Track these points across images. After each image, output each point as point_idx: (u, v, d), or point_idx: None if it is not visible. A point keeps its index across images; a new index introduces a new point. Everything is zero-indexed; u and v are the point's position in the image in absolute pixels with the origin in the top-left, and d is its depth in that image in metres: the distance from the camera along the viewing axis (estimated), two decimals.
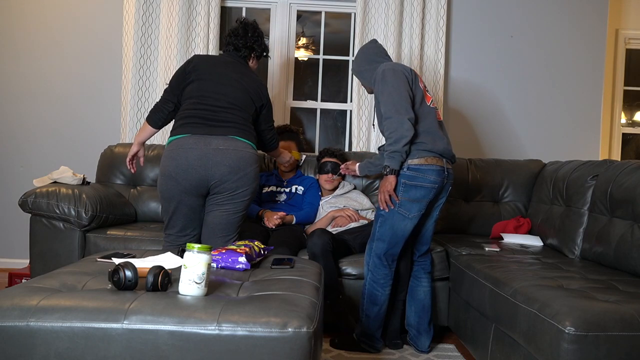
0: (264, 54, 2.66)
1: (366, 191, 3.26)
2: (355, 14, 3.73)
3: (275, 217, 2.86)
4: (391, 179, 2.31)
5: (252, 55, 2.61)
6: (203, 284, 1.49)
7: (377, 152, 3.49)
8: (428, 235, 2.55)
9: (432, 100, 2.46)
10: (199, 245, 1.49)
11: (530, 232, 3.02)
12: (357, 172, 3.02)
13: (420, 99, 2.40)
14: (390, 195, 2.33)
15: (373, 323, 2.45)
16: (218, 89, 2.41)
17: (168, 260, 1.90)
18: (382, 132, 2.39)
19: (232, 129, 2.34)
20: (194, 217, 2.39)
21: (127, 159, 2.62)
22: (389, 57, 2.61)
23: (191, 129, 2.32)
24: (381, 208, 2.38)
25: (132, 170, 2.66)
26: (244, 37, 2.55)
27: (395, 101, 2.28)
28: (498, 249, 2.66)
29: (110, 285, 1.54)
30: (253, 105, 2.47)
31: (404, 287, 2.56)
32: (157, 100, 2.69)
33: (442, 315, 2.75)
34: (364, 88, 3.11)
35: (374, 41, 2.63)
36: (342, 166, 3.08)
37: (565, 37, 3.83)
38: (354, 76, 2.68)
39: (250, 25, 2.58)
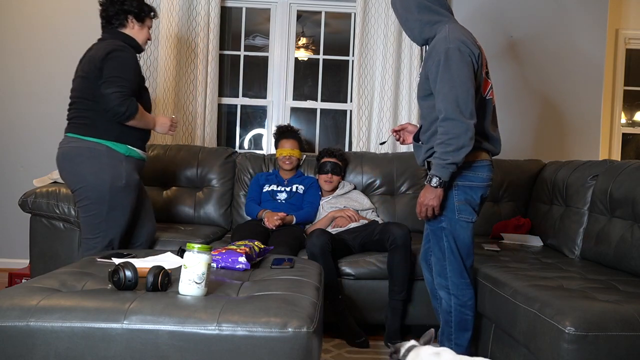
0: (142, 12, 2.34)
1: (366, 191, 3.25)
2: (355, 14, 3.72)
3: (275, 217, 2.86)
4: (439, 192, 1.91)
5: (128, 18, 2.34)
6: (203, 284, 1.49)
7: (377, 152, 3.48)
8: None
9: (490, 87, 2.04)
10: (199, 245, 1.50)
11: (530, 232, 3.02)
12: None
13: (477, 89, 1.95)
14: (433, 211, 1.95)
15: (467, 351, 2.08)
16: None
17: (168, 260, 1.91)
18: (422, 117, 2.07)
19: (68, 127, 2.37)
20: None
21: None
22: (450, 8, 2.04)
23: None
24: (419, 218, 2.04)
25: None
26: (112, 3, 2.31)
27: (460, 97, 1.84)
28: (498, 249, 2.66)
29: (110, 285, 1.55)
30: (93, 71, 2.22)
31: (403, 286, 2.55)
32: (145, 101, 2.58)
33: None
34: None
35: None
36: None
37: (565, 37, 3.83)
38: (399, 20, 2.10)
39: None
